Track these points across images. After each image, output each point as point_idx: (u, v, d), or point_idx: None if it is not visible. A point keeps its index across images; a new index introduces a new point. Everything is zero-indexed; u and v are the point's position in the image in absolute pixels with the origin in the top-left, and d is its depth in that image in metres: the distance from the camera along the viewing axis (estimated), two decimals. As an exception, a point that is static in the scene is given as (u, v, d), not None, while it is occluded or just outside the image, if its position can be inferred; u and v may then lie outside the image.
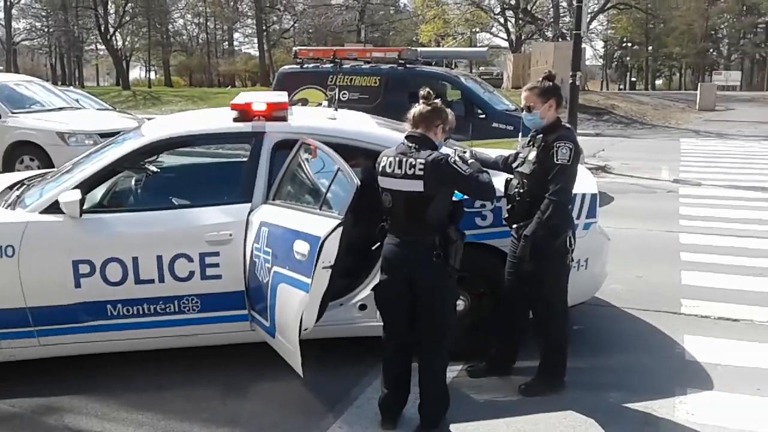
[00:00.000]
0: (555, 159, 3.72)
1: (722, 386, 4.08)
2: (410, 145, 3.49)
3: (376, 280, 3.70)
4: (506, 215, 4.02)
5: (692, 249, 7.12)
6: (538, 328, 4.05)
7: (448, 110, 3.69)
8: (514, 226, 3.95)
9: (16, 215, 4.05)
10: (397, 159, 3.46)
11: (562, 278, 3.94)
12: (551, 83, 3.94)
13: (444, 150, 3.65)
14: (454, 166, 3.42)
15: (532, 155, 3.87)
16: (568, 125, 4.00)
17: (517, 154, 4.08)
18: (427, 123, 3.54)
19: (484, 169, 3.72)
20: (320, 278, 3.34)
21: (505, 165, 4.15)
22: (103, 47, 50.13)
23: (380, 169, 3.53)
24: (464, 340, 4.13)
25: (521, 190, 3.90)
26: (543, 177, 3.77)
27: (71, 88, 20.92)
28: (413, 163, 3.41)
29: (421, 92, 3.63)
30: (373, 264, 4.02)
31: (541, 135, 3.88)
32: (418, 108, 3.58)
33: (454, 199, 3.57)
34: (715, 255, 6.86)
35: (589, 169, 10.09)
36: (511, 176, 4.04)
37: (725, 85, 40.79)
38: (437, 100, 3.61)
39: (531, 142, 3.96)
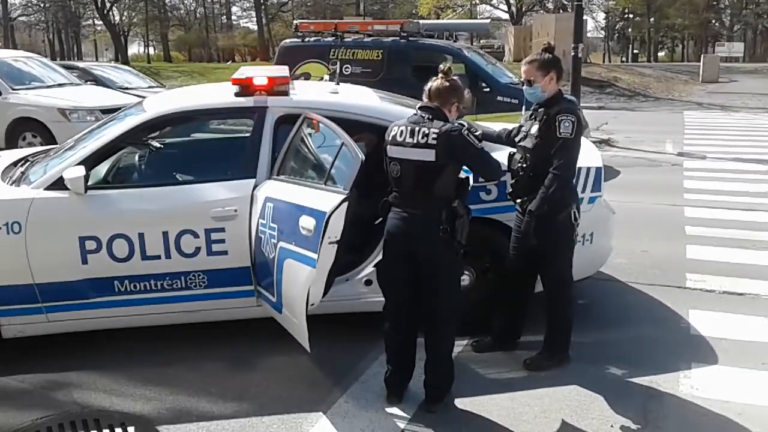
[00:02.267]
0: (558, 132, 3.69)
1: (727, 360, 4.10)
2: (423, 115, 3.47)
3: (381, 254, 3.69)
4: (510, 189, 4.00)
5: (697, 223, 7.11)
6: (547, 302, 4.05)
7: (466, 90, 3.66)
8: (518, 200, 3.93)
9: (21, 192, 4.04)
10: (409, 128, 3.44)
11: (567, 252, 3.94)
12: (551, 55, 3.90)
13: (460, 121, 3.62)
14: (468, 138, 3.40)
15: (534, 129, 3.83)
16: (570, 97, 3.97)
17: (519, 127, 4.05)
18: (444, 98, 3.52)
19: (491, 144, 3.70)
20: (326, 253, 3.33)
21: (508, 139, 4.12)
22: (101, 22, 49.68)
23: (390, 138, 3.50)
24: (469, 315, 4.14)
25: (524, 165, 3.87)
26: (546, 151, 3.74)
27: (119, 65, 20.95)
28: (426, 132, 3.38)
29: (441, 67, 3.60)
30: (378, 239, 4.00)
31: (543, 108, 3.84)
32: (436, 82, 3.55)
33: (462, 174, 3.54)
34: (720, 229, 6.86)
35: (593, 142, 10.06)
36: (515, 150, 4.01)
37: (728, 56, 40.54)
38: (455, 77, 3.58)
39: (533, 116, 3.92)
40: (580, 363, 4.06)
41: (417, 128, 3.42)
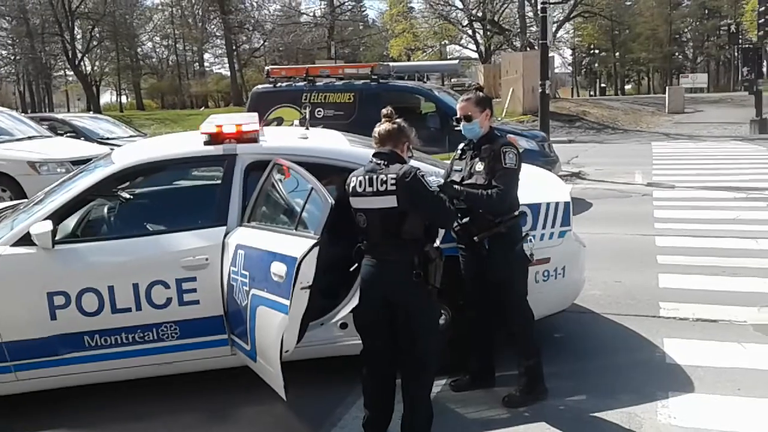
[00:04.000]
0: (503, 163, 3.84)
1: (703, 388, 4.12)
2: (379, 162, 3.49)
3: (356, 298, 3.68)
4: (457, 228, 3.96)
5: (668, 252, 7.20)
6: (512, 336, 4.09)
7: (411, 128, 3.71)
8: (475, 239, 3.93)
9: (-12, 249, 3.98)
10: (367, 177, 3.45)
11: (523, 282, 4.01)
12: (483, 93, 4.10)
13: (413, 163, 3.66)
14: (422, 180, 3.42)
15: (480, 166, 3.90)
16: (510, 132, 4.11)
17: (451, 168, 4.10)
18: (395, 140, 3.57)
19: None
20: (299, 299, 3.32)
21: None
22: (72, 73, 49.71)
23: (350, 190, 3.51)
24: (447, 353, 4.13)
25: None
26: None
27: (98, 115, 20.92)
28: (384, 179, 3.41)
29: (384, 111, 3.67)
30: (352, 282, 4.01)
31: (487, 145, 3.94)
32: (383, 126, 3.60)
33: None
34: (691, 257, 6.94)
35: (564, 176, 10.23)
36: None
37: (693, 87, 41.53)
38: (399, 119, 3.64)
39: (471, 155, 3.99)
40: (559, 396, 4.06)
41: (374, 176, 3.44)
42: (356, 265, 3.60)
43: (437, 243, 3.59)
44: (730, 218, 8.77)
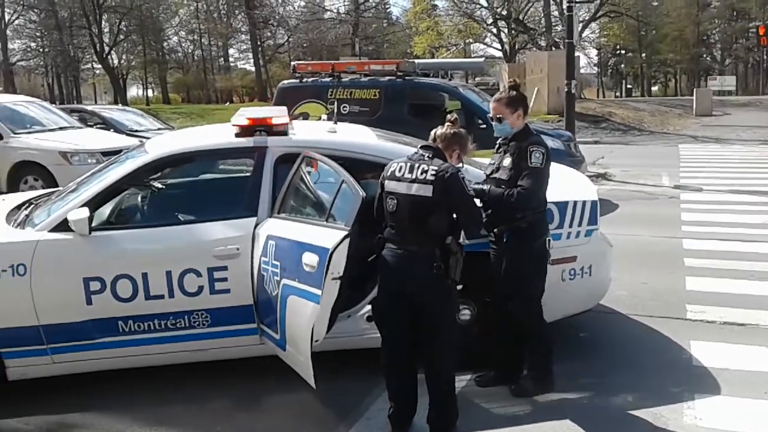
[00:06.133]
0: (529, 162, 3.84)
1: (729, 391, 4.10)
2: (424, 153, 3.55)
3: None
4: (485, 220, 4.01)
5: (696, 254, 7.14)
6: (521, 327, 4.09)
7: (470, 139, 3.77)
8: (495, 231, 3.98)
9: (26, 234, 4.09)
10: (409, 164, 3.52)
11: (539, 276, 4.01)
12: (516, 92, 4.08)
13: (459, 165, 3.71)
14: (462, 181, 3.49)
15: (507, 161, 3.95)
16: (537, 132, 4.09)
17: (491, 164, 4.16)
18: (447, 144, 3.63)
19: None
20: (330, 289, 3.37)
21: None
22: (100, 66, 50.32)
23: (389, 173, 3.57)
24: (472, 349, 4.16)
25: None
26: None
27: (126, 107, 21.25)
28: (426, 168, 3.46)
29: (449, 117, 3.75)
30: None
31: (514, 142, 3.97)
32: (443, 129, 3.67)
33: None
34: (718, 260, 6.89)
35: (590, 176, 10.16)
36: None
37: (721, 90, 41.01)
38: (462, 129, 3.71)
39: (501, 149, 4.06)
40: (584, 395, 4.07)
41: (417, 165, 3.50)
42: (375, 255, 3.62)
43: (461, 239, 3.61)
44: (759, 222, 8.67)
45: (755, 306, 5.49)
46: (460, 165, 3.72)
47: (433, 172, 3.43)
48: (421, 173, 3.46)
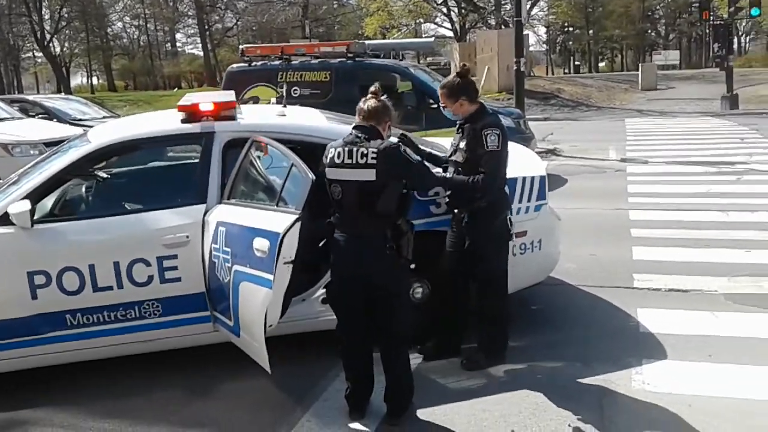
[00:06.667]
0: (485, 146, 3.88)
1: (676, 355, 4.23)
2: (360, 135, 3.51)
3: None
4: (446, 200, 4.14)
5: (642, 225, 7.33)
6: (477, 302, 4.17)
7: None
8: (455, 211, 4.08)
9: (-35, 229, 3.95)
10: (347, 149, 3.47)
11: (501, 253, 4.10)
12: (460, 80, 4.06)
13: (393, 139, 3.70)
14: (405, 154, 3.49)
15: (463, 144, 4.00)
16: (491, 110, 4.12)
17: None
18: (379, 118, 3.58)
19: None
20: (282, 274, 3.36)
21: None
22: (41, 54, 48.74)
23: (328, 160, 3.53)
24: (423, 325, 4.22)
25: None
26: (475, 163, 3.91)
27: (70, 96, 20.53)
28: (365, 152, 3.43)
29: (372, 88, 3.68)
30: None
31: (468, 124, 4.00)
32: (369, 102, 3.61)
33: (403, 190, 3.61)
34: (664, 229, 7.09)
35: (539, 152, 10.31)
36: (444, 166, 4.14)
37: (665, 64, 42.01)
38: (384, 97, 3.66)
39: (459, 130, 4.10)
40: (537, 365, 4.16)
41: (355, 149, 3.46)
42: (325, 240, 3.61)
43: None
44: (702, 192, 8.94)
45: (699, 272, 5.68)
46: (389, 134, 3.69)
47: (374, 155, 3.41)
48: (361, 157, 3.43)
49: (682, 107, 22.71)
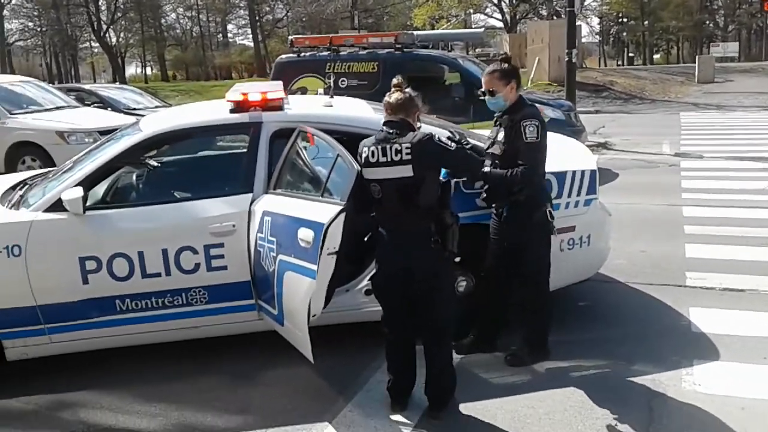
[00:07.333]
0: (524, 138, 3.80)
1: (728, 356, 4.10)
2: (391, 131, 3.47)
3: None
4: (483, 195, 4.08)
5: (695, 222, 7.12)
6: (519, 296, 4.11)
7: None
8: (493, 205, 4.02)
9: (21, 215, 4.07)
10: (380, 147, 3.44)
11: (542, 249, 4.01)
12: (509, 65, 4.01)
13: (425, 129, 3.65)
14: (440, 143, 3.45)
15: (501, 136, 3.93)
16: (531, 103, 4.03)
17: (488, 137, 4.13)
18: (407, 110, 3.55)
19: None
20: (326, 264, 3.36)
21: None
22: (98, 44, 50.02)
23: (363, 160, 3.49)
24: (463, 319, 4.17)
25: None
26: (513, 157, 3.84)
27: (124, 86, 21.08)
28: (398, 148, 3.39)
29: (394, 81, 3.66)
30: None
31: (506, 115, 3.93)
32: (393, 96, 3.57)
33: (440, 179, 3.57)
34: (718, 227, 6.87)
35: (590, 146, 10.11)
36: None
37: (723, 56, 40.57)
38: (409, 89, 3.62)
39: (497, 123, 4.02)
40: (583, 363, 4.09)
41: (388, 146, 3.42)
42: (370, 234, 3.61)
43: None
44: (759, 189, 8.63)
45: (755, 272, 5.49)
46: (419, 125, 3.64)
47: (407, 150, 3.37)
48: (396, 153, 3.39)
49: (740, 101, 21.94)
